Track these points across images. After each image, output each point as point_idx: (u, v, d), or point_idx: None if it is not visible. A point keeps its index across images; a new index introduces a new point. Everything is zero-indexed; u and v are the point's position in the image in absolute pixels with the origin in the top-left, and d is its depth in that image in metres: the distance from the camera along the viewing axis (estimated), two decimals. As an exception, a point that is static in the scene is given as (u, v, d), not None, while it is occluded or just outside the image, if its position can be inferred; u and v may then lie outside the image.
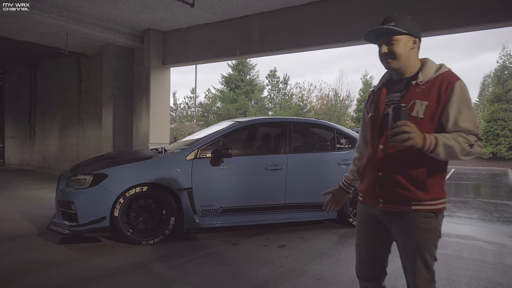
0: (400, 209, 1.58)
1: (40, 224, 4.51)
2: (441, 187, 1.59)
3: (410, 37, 1.61)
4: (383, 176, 1.62)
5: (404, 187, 1.56)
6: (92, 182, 3.69)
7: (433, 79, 1.57)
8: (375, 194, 1.65)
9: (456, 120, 1.50)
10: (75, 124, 10.04)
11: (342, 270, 3.21)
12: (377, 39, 1.67)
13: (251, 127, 4.65)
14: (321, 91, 32.29)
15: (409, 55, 1.61)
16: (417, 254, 1.58)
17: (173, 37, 7.69)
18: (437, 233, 1.58)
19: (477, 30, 4.82)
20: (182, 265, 3.27)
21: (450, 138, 1.46)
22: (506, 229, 4.93)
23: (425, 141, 1.43)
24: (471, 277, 3.11)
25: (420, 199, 1.55)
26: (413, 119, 1.51)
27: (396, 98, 1.63)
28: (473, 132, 1.48)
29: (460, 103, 1.50)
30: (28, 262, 3.26)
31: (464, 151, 1.46)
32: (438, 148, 1.44)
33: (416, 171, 1.55)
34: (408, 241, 1.59)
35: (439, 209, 1.57)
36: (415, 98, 1.57)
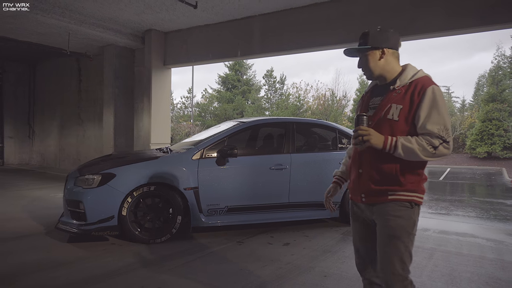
0: (379, 200, 1.72)
1: (47, 223, 4.56)
2: (417, 182, 1.70)
3: (376, 50, 1.76)
4: (363, 173, 1.77)
5: (380, 181, 1.71)
6: (101, 181, 3.75)
7: (408, 84, 1.70)
8: (358, 189, 1.81)
9: (424, 123, 1.61)
10: (75, 124, 10.05)
11: (346, 267, 3.29)
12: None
13: (255, 127, 4.72)
14: (317, 91, 32.44)
15: (379, 65, 1.76)
16: (389, 241, 1.67)
17: (174, 38, 7.74)
18: (411, 222, 1.68)
19: (477, 32, 4.93)
20: (189, 263, 3.33)
21: (412, 140, 1.60)
22: (503, 227, 5.05)
23: (385, 143, 1.62)
24: (471, 273, 3.21)
25: (396, 190, 1.68)
26: (389, 122, 1.68)
27: (377, 102, 1.78)
28: (438, 135, 1.59)
29: (430, 107, 1.61)
30: (36, 260, 3.30)
31: (427, 152, 1.58)
32: (397, 149, 1.60)
33: (389, 168, 1.69)
34: (383, 228, 1.71)
35: (414, 200, 1.69)
36: (391, 102, 1.70)
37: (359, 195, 1.81)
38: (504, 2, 4.52)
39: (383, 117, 1.71)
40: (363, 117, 1.67)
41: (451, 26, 4.85)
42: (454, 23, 4.85)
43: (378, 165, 1.72)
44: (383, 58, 1.76)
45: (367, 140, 1.62)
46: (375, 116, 1.74)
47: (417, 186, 1.70)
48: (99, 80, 9.11)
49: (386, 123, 1.69)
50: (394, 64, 1.78)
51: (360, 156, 1.80)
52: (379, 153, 1.68)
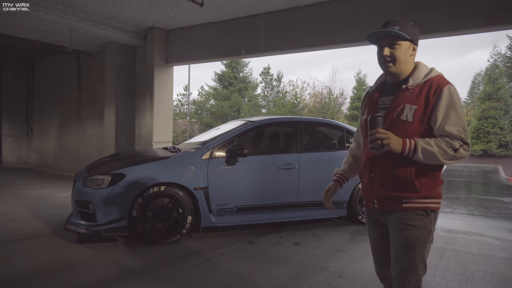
0: (392, 207, 1.63)
1: (53, 223, 4.51)
2: (434, 186, 1.61)
3: (411, 44, 1.66)
4: (375, 178, 1.67)
5: (394, 187, 1.61)
6: (111, 182, 3.71)
7: (422, 83, 1.61)
8: (370, 195, 1.72)
9: (443, 124, 1.53)
10: (75, 122, 9.97)
11: (360, 267, 3.30)
12: (378, 41, 1.69)
13: (264, 127, 4.71)
14: (314, 89, 32.48)
15: (407, 61, 1.66)
16: (403, 251, 1.59)
17: (177, 36, 7.69)
18: (426, 232, 1.59)
19: (482, 32, 4.96)
20: (204, 263, 3.32)
21: (432, 143, 1.51)
22: (509, 225, 5.10)
23: (404, 146, 1.51)
24: (484, 272, 3.23)
25: (410, 197, 1.59)
26: (402, 123, 1.58)
27: (387, 102, 1.67)
28: (458, 136, 1.51)
29: (448, 108, 1.53)
30: (49, 262, 3.27)
31: (447, 155, 1.50)
32: (417, 153, 1.50)
33: (404, 172, 1.59)
34: (397, 237, 1.62)
35: (430, 207, 1.59)
36: (404, 102, 1.60)
37: (371, 201, 1.72)
38: (508, 3, 4.54)
39: (395, 118, 1.60)
40: (378, 119, 1.53)
41: (455, 26, 4.87)
42: (458, 23, 4.86)
43: (391, 169, 1.62)
44: (413, 55, 1.67)
45: (386, 144, 1.50)
46: (386, 117, 1.63)
47: (433, 191, 1.61)
48: (99, 78, 9.03)
49: (399, 125, 1.59)
50: (412, 63, 1.70)
51: (372, 159, 1.69)
52: (393, 156, 1.57)
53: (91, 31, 7.11)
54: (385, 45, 1.65)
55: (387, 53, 1.65)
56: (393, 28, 1.62)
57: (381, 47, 1.67)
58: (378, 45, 1.70)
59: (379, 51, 1.68)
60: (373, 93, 1.79)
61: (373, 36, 1.69)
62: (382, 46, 1.67)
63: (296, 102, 30.09)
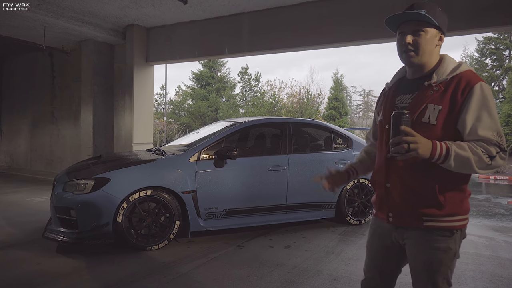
0: (411, 224, 1.43)
1: (30, 231, 4.25)
2: (460, 201, 1.40)
3: (438, 32, 1.43)
4: (392, 188, 1.46)
5: (414, 201, 1.41)
6: (94, 186, 3.52)
7: (449, 80, 1.39)
8: (385, 207, 1.51)
9: (475, 128, 1.32)
10: (48, 122, 9.51)
11: (353, 269, 3.27)
12: (399, 27, 1.46)
13: (252, 128, 4.63)
14: (291, 89, 32.68)
15: (432, 52, 1.43)
16: (426, 276, 1.43)
17: (157, 34, 7.47)
18: (451, 254, 1.40)
19: (465, 35, 5.07)
20: (195, 270, 3.20)
21: (466, 148, 1.29)
22: (489, 223, 5.24)
23: (434, 151, 1.28)
24: (474, 271, 3.28)
25: (432, 215, 1.38)
26: (424, 126, 1.37)
27: (407, 101, 1.46)
28: (495, 142, 1.31)
29: (480, 108, 1.32)
30: (29, 274, 3.05)
31: (483, 163, 1.29)
32: (449, 159, 1.28)
33: (426, 185, 1.38)
34: (417, 260, 1.45)
35: (455, 226, 1.39)
36: (427, 101, 1.39)
37: (385, 214, 1.50)
38: (488, 7, 4.66)
39: (416, 119, 1.39)
40: (405, 116, 1.26)
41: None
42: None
43: (411, 180, 1.40)
44: (439, 46, 1.44)
45: (414, 149, 1.24)
46: None
47: (460, 206, 1.39)
48: (75, 76, 8.65)
49: (420, 128, 1.35)
50: (438, 55, 1.46)
51: (388, 166, 1.46)
52: (414, 164, 1.37)
53: (67, 28, 6.79)
54: (408, 32, 1.42)
55: (409, 40, 1.41)
56: (419, 11, 1.38)
57: (403, 34, 1.43)
58: (399, 32, 1.46)
59: (400, 38, 1.45)
60: (389, 90, 1.57)
61: (394, 20, 1.44)
62: (404, 33, 1.43)
63: (275, 102, 30.15)
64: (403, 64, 1.53)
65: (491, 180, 16.43)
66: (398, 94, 1.52)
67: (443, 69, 1.42)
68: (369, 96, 50.81)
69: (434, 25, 1.40)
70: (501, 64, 29.27)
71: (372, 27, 5.27)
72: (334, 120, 28.51)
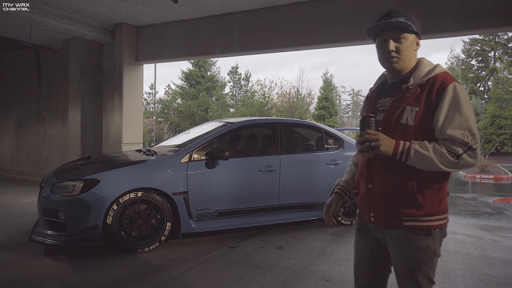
0: (392, 224, 1.47)
1: (16, 233, 4.15)
2: (439, 201, 1.44)
3: (415, 37, 1.50)
4: (373, 189, 1.51)
5: (394, 201, 1.45)
6: (83, 188, 3.45)
7: (425, 82, 1.44)
8: (367, 207, 1.55)
9: (445, 127, 1.37)
10: (34, 122, 9.32)
11: (345, 270, 3.28)
12: (379, 35, 1.52)
13: (244, 128, 4.60)
14: (281, 89, 32.75)
15: (412, 56, 1.51)
16: (407, 275, 1.46)
17: (147, 33, 7.38)
18: (430, 253, 1.43)
19: (454, 36, 5.15)
20: (187, 272, 3.17)
21: (429, 147, 1.35)
22: (477, 222, 5.33)
23: (396, 149, 1.37)
24: (463, 270, 3.33)
25: (412, 215, 1.42)
26: (402, 127, 1.43)
27: (387, 103, 1.52)
28: (462, 140, 1.34)
29: (451, 108, 1.36)
30: (11, 278, 2.98)
31: (448, 162, 1.34)
32: (410, 157, 1.36)
33: (406, 184, 1.42)
34: (398, 260, 1.49)
35: (434, 226, 1.42)
36: (404, 103, 1.44)
37: (367, 214, 1.55)
38: (476, 9, 4.73)
39: (395, 121, 1.44)
40: (370, 119, 1.41)
41: (428, 30, 5.00)
42: (431, 27, 5.00)
43: (390, 180, 1.45)
44: (416, 50, 1.51)
45: (376, 146, 1.37)
46: (385, 120, 1.48)
47: (438, 206, 1.44)
48: (62, 75, 8.49)
49: (399, 129, 1.43)
50: (415, 58, 1.52)
51: (369, 167, 1.52)
52: (393, 164, 1.43)
53: (54, 26, 6.65)
54: (389, 39, 1.47)
55: (392, 47, 1.47)
56: (398, 19, 1.45)
57: (384, 41, 1.49)
58: (379, 40, 1.52)
59: (381, 46, 1.50)
60: (372, 95, 1.65)
61: (374, 28, 1.51)
62: (385, 40, 1.48)
63: (265, 102, 30.18)
64: (384, 69, 1.59)
65: (477, 179, 16.75)
66: (379, 98, 1.59)
67: (419, 72, 1.47)
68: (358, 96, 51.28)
69: (413, 31, 1.47)
70: (486, 65, 29.86)
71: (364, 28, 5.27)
72: (324, 119, 28.68)
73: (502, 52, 29.07)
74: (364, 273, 1.64)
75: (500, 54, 29.03)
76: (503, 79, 25.62)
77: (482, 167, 19.90)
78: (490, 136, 24.54)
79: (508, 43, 28.84)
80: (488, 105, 25.93)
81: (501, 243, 4.24)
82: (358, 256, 1.65)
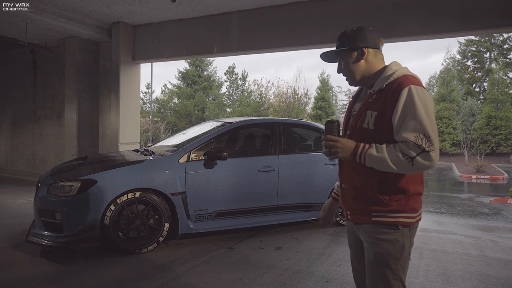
0: (362, 220, 1.54)
1: (12, 234, 4.10)
2: (406, 200, 1.48)
3: (360, 49, 1.55)
4: (346, 188, 1.61)
5: (360, 199, 1.53)
6: (80, 188, 3.41)
7: (385, 86, 1.48)
8: (343, 205, 1.65)
9: (400, 130, 1.40)
10: (30, 121, 9.23)
11: (345, 270, 3.27)
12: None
13: (242, 128, 4.58)
14: (278, 89, 32.74)
15: (360, 67, 1.56)
16: (376, 268, 1.49)
17: (144, 32, 7.33)
18: (398, 246, 1.46)
19: (455, 37, 5.15)
20: (185, 273, 3.14)
21: (383, 150, 1.40)
22: (475, 223, 5.35)
23: (354, 153, 1.44)
24: (462, 271, 3.32)
25: (379, 211, 1.48)
26: (364, 131, 1.49)
27: (357, 109, 1.60)
28: (415, 143, 1.35)
29: (405, 111, 1.38)
30: (7, 280, 2.93)
31: (403, 164, 1.37)
32: (366, 159, 1.42)
33: (369, 183, 1.49)
34: (368, 253, 1.53)
35: (401, 222, 1.47)
36: (366, 108, 1.51)
37: (345, 212, 1.64)
38: (476, 10, 4.74)
39: (358, 125, 1.51)
40: (332, 125, 1.48)
41: (429, 30, 5.01)
42: (432, 27, 5.00)
43: (356, 180, 1.53)
44: (363, 59, 1.55)
45: (334, 153, 1.46)
46: (352, 124, 1.55)
47: (404, 205, 1.47)
48: (58, 74, 8.42)
49: (362, 133, 1.49)
50: (377, 65, 1.57)
51: (341, 168, 1.63)
52: (357, 166, 1.50)
53: (50, 24, 6.59)
54: (338, 62, 1.64)
55: (339, 70, 1.64)
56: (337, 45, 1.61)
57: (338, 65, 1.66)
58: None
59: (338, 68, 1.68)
60: (352, 100, 1.73)
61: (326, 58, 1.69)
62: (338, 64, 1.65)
63: (261, 102, 30.18)
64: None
65: (473, 179, 16.85)
66: (355, 103, 1.68)
67: (382, 77, 1.52)
68: (355, 96, 51.26)
69: (352, 48, 1.56)
70: (482, 66, 30.04)
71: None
72: (321, 119, 28.72)
73: (498, 53, 29.24)
74: (360, 267, 1.71)
75: (495, 55, 29.20)
76: (498, 80, 25.78)
77: (478, 167, 19.99)
78: (486, 137, 24.68)
79: (503, 44, 29.01)
80: (484, 105, 26.09)
81: (499, 243, 4.25)
82: (352, 252, 1.76)
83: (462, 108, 26.25)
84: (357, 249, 1.69)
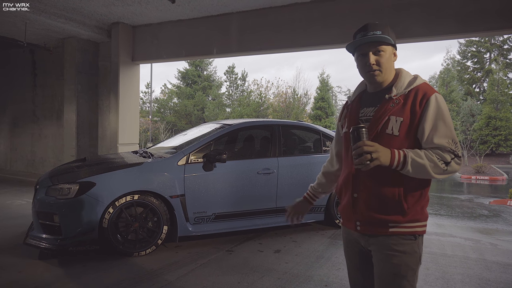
0: (377, 231, 1.49)
1: (10, 236, 4.09)
2: (421, 208, 1.49)
3: (393, 49, 1.55)
4: (359, 198, 1.52)
5: (380, 209, 1.47)
6: (78, 191, 3.40)
7: (407, 92, 1.48)
8: (352, 216, 1.56)
9: (431, 136, 1.42)
10: (29, 121, 9.22)
11: (344, 274, 3.26)
12: (357, 49, 1.55)
13: (241, 130, 4.57)
14: (278, 89, 32.73)
15: (391, 68, 1.55)
16: (393, 280, 1.45)
17: (144, 32, 7.32)
18: (416, 257, 1.47)
19: (455, 39, 5.14)
20: (184, 277, 3.13)
21: (422, 155, 1.39)
22: (474, 225, 5.34)
23: (393, 158, 1.38)
24: (462, 275, 3.31)
25: (397, 221, 1.45)
26: (388, 137, 1.45)
27: (370, 113, 1.54)
28: (450, 149, 1.40)
29: (436, 118, 1.42)
30: (8, 283, 2.92)
31: (439, 169, 1.38)
32: (407, 165, 1.38)
33: (392, 192, 1.45)
34: (385, 265, 1.47)
35: (418, 232, 1.47)
36: (389, 113, 1.47)
37: (353, 223, 1.55)
38: (479, 11, 4.73)
39: (380, 131, 1.47)
40: (362, 130, 1.36)
41: (430, 32, 5.00)
42: (433, 29, 4.99)
43: (377, 189, 1.47)
44: (394, 61, 1.56)
45: (376, 158, 1.34)
46: (370, 130, 1.48)
47: (421, 213, 1.47)
48: (57, 74, 8.41)
49: (384, 139, 1.45)
50: (394, 70, 1.57)
51: (355, 177, 1.53)
52: (378, 173, 1.44)
53: (49, 24, 6.58)
54: (368, 52, 1.51)
55: (373, 60, 1.50)
56: (375, 33, 1.49)
57: (364, 55, 1.52)
58: (359, 54, 1.55)
59: (362, 59, 1.53)
60: (352, 104, 1.65)
61: (355, 44, 1.54)
62: (365, 54, 1.52)
63: (261, 102, 30.17)
64: (366, 81, 1.61)
65: (472, 180, 16.83)
66: (361, 107, 1.60)
67: (401, 82, 1.51)
68: (355, 96, 51.31)
69: (390, 43, 1.52)
70: (482, 66, 30.04)
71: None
72: (320, 120, 28.71)
73: (498, 54, 29.24)
74: (359, 279, 1.65)
75: (495, 56, 29.21)
76: (498, 81, 25.78)
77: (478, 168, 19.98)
78: (486, 137, 24.68)
79: (503, 45, 29.02)
80: (484, 106, 26.09)
81: (499, 246, 4.24)
82: (350, 264, 1.68)
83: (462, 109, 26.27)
84: (359, 260, 1.62)
